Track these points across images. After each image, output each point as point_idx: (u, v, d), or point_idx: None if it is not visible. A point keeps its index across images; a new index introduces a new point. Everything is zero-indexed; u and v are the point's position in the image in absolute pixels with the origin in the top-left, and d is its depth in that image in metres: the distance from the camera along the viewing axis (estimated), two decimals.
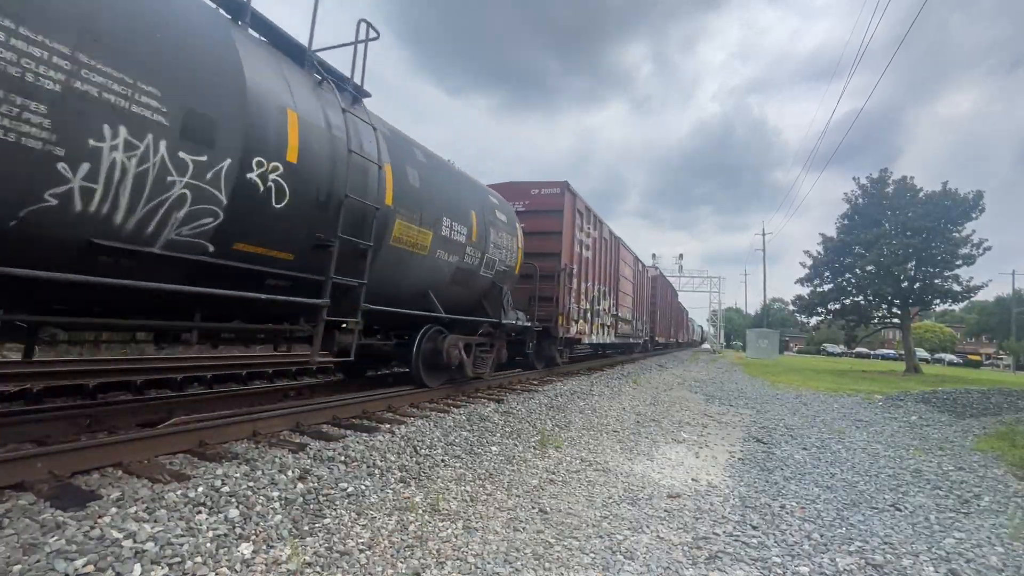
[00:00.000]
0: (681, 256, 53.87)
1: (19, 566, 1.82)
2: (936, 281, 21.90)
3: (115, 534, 2.09)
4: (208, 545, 2.16)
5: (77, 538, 2.02)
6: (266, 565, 2.12)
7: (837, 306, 25.44)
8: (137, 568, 1.92)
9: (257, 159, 3.48)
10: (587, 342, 12.21)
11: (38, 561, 1.86)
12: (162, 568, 1.95)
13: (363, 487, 3.08)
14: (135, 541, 2.06)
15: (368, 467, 3.42)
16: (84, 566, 1.87)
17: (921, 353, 42.48)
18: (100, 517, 2.22)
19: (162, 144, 2.89)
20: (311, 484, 2.96)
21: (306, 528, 2.50)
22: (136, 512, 2.30)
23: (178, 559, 2.02)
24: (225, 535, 2.27)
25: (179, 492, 2.55)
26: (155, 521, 2.26)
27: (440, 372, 6.43)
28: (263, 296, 3.67)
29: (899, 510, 3.67)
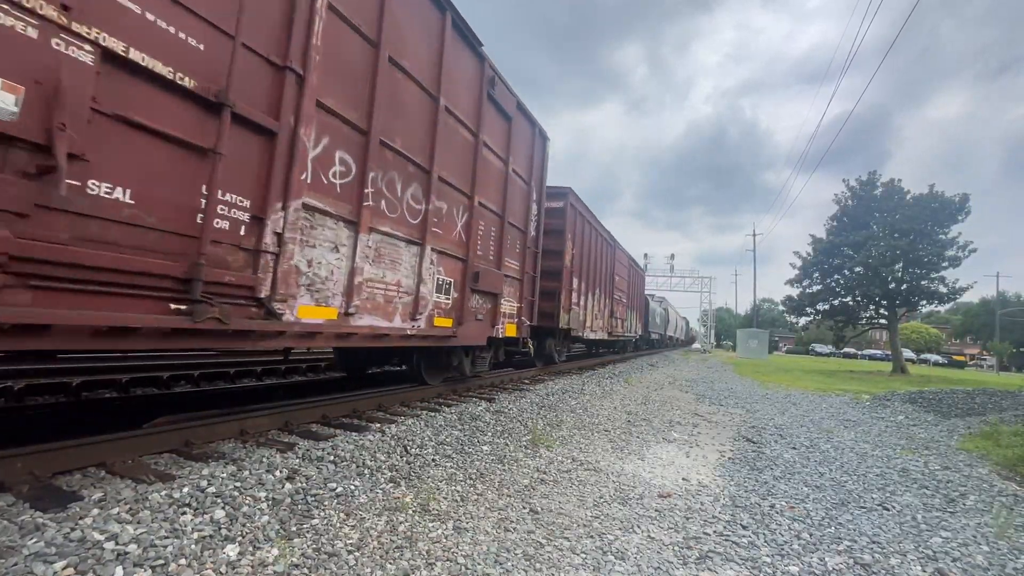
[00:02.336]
0: (672, 256, 54.15)
1: None
2: (923, 282, 22.22)
3: (96, 536, 2.04)
4: (193, 547, 2.12)
5: (57, 540, 1.97)
6: (252, 567, 2.08)
7: (826, 306, 25.75)
8: (119, 571, 1.87)
9: None
10: None
11: (15, 564, 1.81)
12: (145, 571, 1.91)
13: (352, 487, 3.05)
14: (117, 543, 2.02)
15: (358, 467, 3.38)
16: (63, 569, 1.82)
17: (907, 353, 43.07)
18: (81, 519, 2.17)
19: None
20: (299, 484, 2.93)
21: (294, 529, 2.46)
22: (119, 513, 2.25)
23: (161, 561, 1.98)
24: (210, 536, 2.23)
25: (163, 493, 2.50)
26: (138, 522, 2.21)
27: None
28: None
29: (887, 509, 3.70)
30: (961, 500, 4.05)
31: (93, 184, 2.35)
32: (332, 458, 3.42)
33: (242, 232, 3.07)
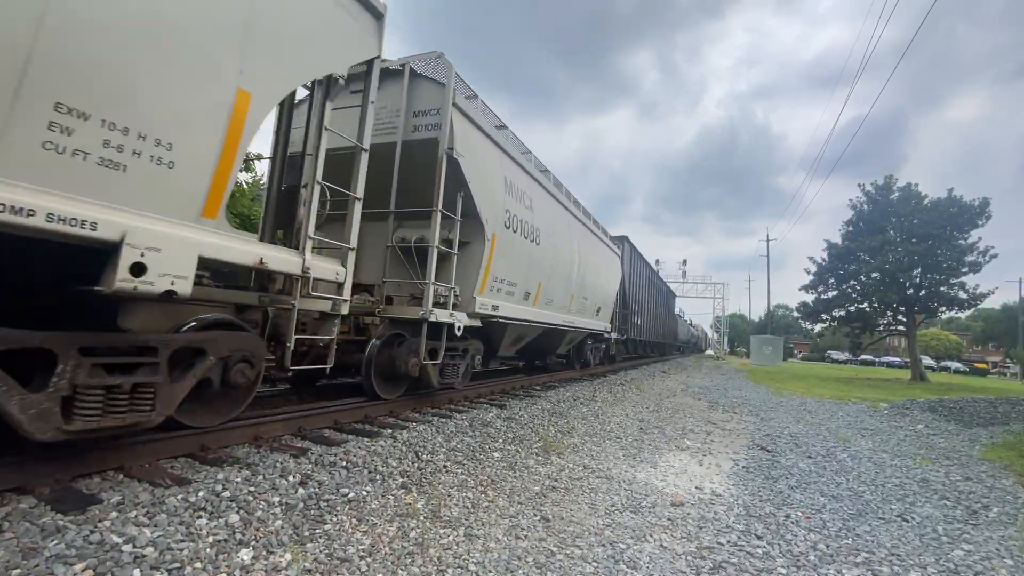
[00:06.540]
0: (685, 262, 53.87)
1: (18, 570, 1.81)
2: (942, 288, 21.80)
3: (115, 539, 2.08)
4: (208, 550, 2.14)
5: (77, 542, 2.01)
6: (266, 571, 2.10)
7: (842, 313, 25.38)
8: (136, 573, 1.91)
9: None
10: None
11: (37, 565, 1.85)
12: (162, 574, 1.94)
13: (364, 493, 3.06)
14: (135, 546, 2.05)
15: (369, 472, 3.40)
16: (83, 571, 1.86)
17: (927, 360, 42.18)
18: (100, 521, 2.21)
19: None
20: (312, 489, 2.95)
21: (307, 534, 2.48)
22: (136, 516, 2.29)
23: (177, 564, 2.00)
24: (225, 540, 2.26)
25: (180, 496, 2.54)
26: (155, 526, 2.24)
27: None
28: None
29: (906, 521, 3.62)
30: (984, 512, 3.95)
31: None
32: (344, 463, 3.44)
33: None
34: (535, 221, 7.45)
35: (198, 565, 2.04)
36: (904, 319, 23.66)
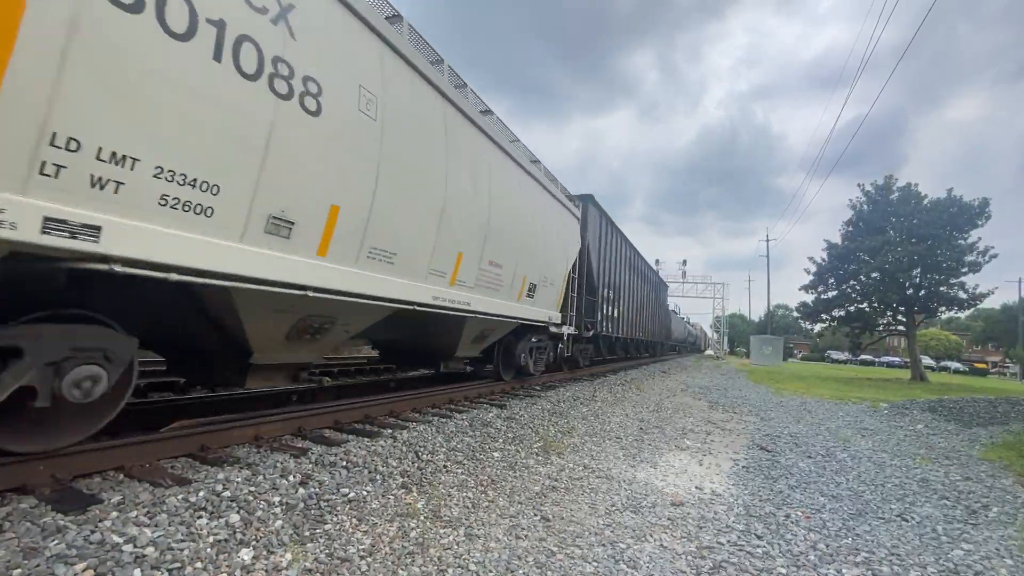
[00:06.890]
0: (684, 262, 53.88)
1: (19, 570, 1.82)
2: (942, 288, 21.79)
3: (115, 538, 2.08)
4: (208, 550, 2.15)
5: (77, 542, 2.01)
6: (266, 571, 2.10)
7: (842, 313, 25.37)
8: (137, 573, 1.91)
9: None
10: None
11: (38, 565, 1.85)
12: (162, 573, 1.94)
13: (364, 492, 3.06)
14: (135, 546, 2.05)
15: (370, 472, 3.40)
16: (84, 571, 1.86)
17: (927, 360, 42.20)
18: (101, 521, 2.22)
19: None
20: (312, 489, 2.95)
21: (307, 534, 2.48)
22: (137, 516, 2.29)
23: (178, 564, 2.01)
24: (226, 540, 2.26)
25: (180, 496, 2.54)
26: (156, 525, 2.25)
27: None
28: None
29: (906, 520, 3.62)
30: (983, 511, 3.96)
31: None
32: (344, 463, 3.45)
33: None
34: (300, 62, 3.22)
35: (199, 565, 2.04)
36: (904, 319, 23.66)
